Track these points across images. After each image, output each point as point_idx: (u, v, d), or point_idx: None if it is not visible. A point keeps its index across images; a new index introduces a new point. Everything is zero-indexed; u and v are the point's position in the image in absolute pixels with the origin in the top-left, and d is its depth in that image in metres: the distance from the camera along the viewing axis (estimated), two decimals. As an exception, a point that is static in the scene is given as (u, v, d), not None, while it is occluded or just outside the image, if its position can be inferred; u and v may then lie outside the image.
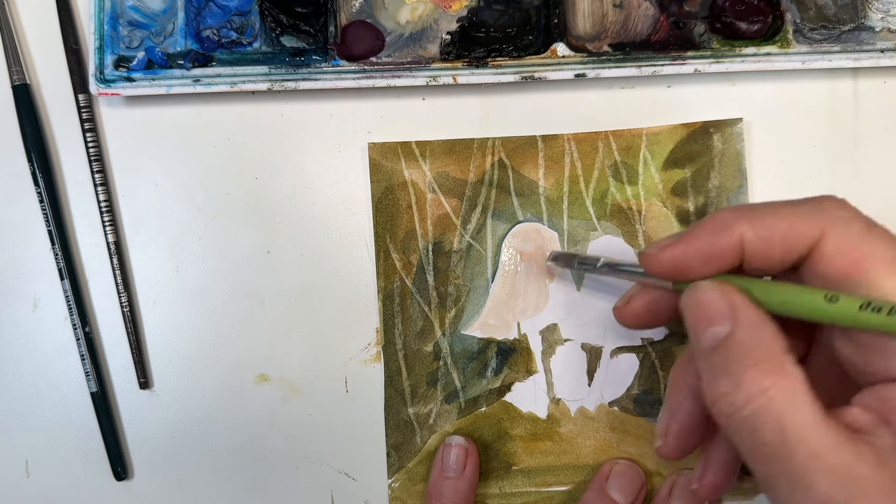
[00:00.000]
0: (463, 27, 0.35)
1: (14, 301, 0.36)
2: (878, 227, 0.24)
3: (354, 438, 0.35)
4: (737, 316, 0.24)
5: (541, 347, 0.35)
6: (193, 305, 0.36)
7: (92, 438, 0.36)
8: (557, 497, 0.35)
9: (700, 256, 0.25)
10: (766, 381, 0.22)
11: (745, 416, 0.22)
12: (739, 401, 0.22)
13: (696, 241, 0.25)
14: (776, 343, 0.23)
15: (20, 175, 0.36)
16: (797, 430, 0.21)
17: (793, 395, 0.22)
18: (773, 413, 0.21)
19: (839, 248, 0.23)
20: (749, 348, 0.23)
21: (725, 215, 0.25)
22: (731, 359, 0.23)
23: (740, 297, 0.24)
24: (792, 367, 0.22)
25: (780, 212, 0.24)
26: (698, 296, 0.25)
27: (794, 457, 0.21)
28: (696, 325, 0.25)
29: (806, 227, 0.24)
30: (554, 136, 0.35)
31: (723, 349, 0.23)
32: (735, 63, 0.34)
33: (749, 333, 0.23)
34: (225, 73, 0.34)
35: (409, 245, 0.35)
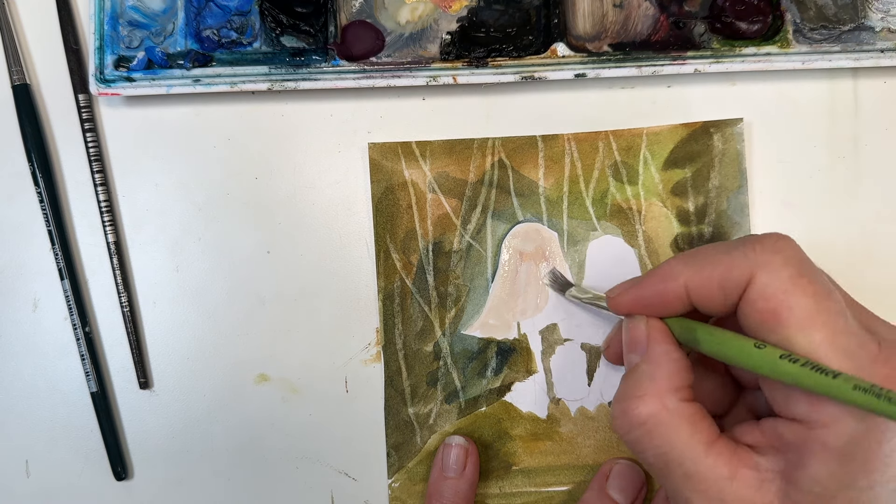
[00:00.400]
0: (463, 27, 0.35)
1: (14, 301, 0.36)
2: (808, 275, 0.24)
3: (354, 438, 0.35)
4: (648, 349, 0.27)
5: (541, 347, 0.35)
6: (193, 305, 0.36)
7: (92, 438, 0.36)
8: (557, 497, 0.35)
9: (652, 301, 0.28)
10: (644, 413, 0.25)
11: (631, 439, 0.26)
12: (625, 426, 0.26)
13: (648, 288, 0.28)
14: (668, 379, 0.26)
15: (20, 175, 0.36)
16: (675, 457, 0.24)
17: (668, 428, 0.25)
18: (653, 441, 0.25)
19: (762, 294, 0.24)
20: (641, 380, 0.26)
21: (673, 265, 0.27)
22: (630, 386, 0.26)
23: (658, 334, 0.27)
24: (675, 403, 0.25)
25: (717, 258, 0.26)
26: (629, 325, 0.28)
27: (672, 476, 0.25)
28: (625, 349, 0.28)
29: (739, 271, 0.25)
30: (554, 136, 0.35)
31: (630, 375, 0.27)
32: (735, 63, 0.34)
33: (649, 367, 0.26)
34: (225, 73, 0.34)
35: (409, 245, 0.35)
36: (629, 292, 0.28)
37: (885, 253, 0.35)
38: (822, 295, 0.24)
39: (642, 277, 0.28)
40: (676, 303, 0.27)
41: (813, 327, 0.23)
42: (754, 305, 0.24)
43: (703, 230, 0.35)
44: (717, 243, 0.27)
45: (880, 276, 0.35)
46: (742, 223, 0.35)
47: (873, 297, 0.35)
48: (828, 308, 0.23)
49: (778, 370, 0.23)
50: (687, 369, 0.26)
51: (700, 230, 0.35)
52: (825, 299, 0.23)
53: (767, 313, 0.24)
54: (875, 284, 0.35)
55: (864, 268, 0.35)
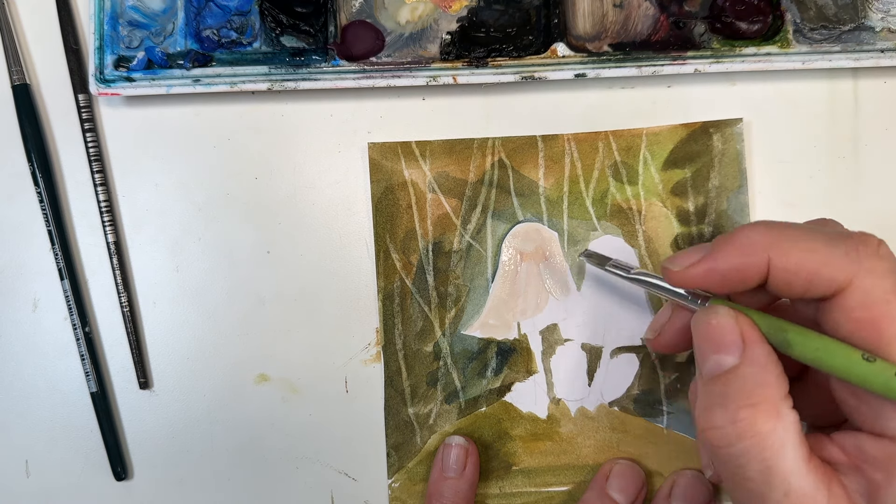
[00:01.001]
0: (463, 27, 0.35)
1: (14, 301, 0.36)
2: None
3: (354, 438, 0.35)
4: (747, 351, 0.24)
5: (541, 347, 0.35)
6: (193, 305, 0.36)
7: (92, 438, 0.36)
8: (557, 497, 0.35)
9: (728, 277, 0.24)
10: (763, 425, 0.22)
11: (733, 451, 0.23)
12: (731, 436, 0.23)
13: (724, 262, 0.24)
14: (779, 386, 0.23)
15: (20, 175, 0.36)
16: (782, 472, 0.22)
17: (782, 441, 0.22)
18: (762, 454, 0.22)
19: (863, 301, 0.22)
20: (751, 387, 0.23)
21: (756, 238, 0.24)
22: (731, 393, 0.23)
23: (754, 333, 0.24)
24: (788, 411, 0.23)
25: (814, 248, 0.23)
26: (712, 320, 0.24)
27: (772, 493, 0.22)
28: (703, 347, 0.25)
29: (837, 271, 0.23)
30: (554, 136, 0.35)
31: (724, 380, 0.24)
32: (735, 63, 0.34)
33: (754, 371, 0.23)
34: (225, 73, 0.34)
35: (409, 245, 0.35)
36: (700, 265, 0.25)
37: (885, 253, 0.35)
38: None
39: (714, 247, 0.25)
40: (750, 280, 0.24)
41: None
42: (850, 313, 0.22)
43: (703, 230, 0.35)
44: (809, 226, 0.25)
45: (880, 276, 0.35)
46: (742, 223, 0.35)
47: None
48: None
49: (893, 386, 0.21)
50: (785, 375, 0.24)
51: (700, 230, 0.35)
52: None
53: (866, 322, 0.22)
54: (875, 284, 0.35)
55: (864, 268, 0.35)
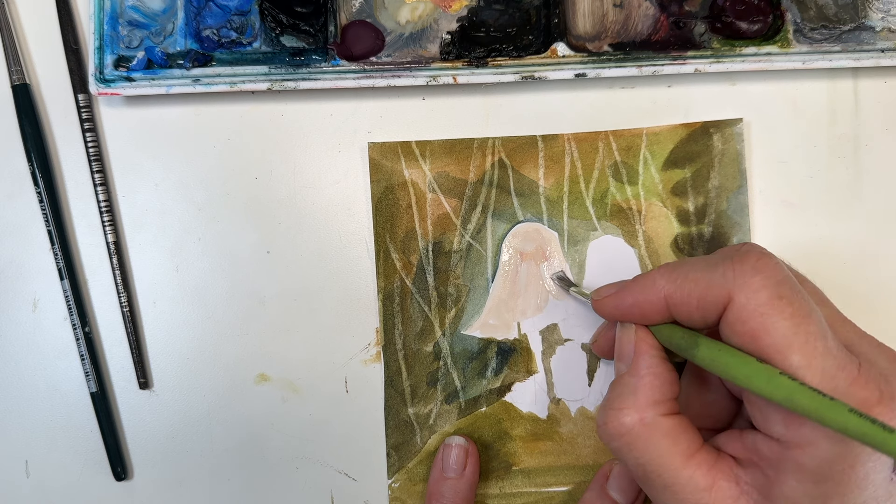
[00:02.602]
0: (463, 27, 0.35)
1: (14, 301, 0.36)
2: (787, 296, 0.24)
3: (354, 438, 0.35)
4: (634, 361, 0.27)
5: (541, 347, 0.35)
6: (193, 305, 0.36)
7: (92, 438, 0.36)
8: (557, 497, 0.35)
9: (631, 310, 0.28)
10: (623, 426, 0.26)
11: (613, 447, 0.26)
12: (606, 435, 0.27)
13: (628, 297, 0.28)
14: (650, 393, 0.26)
15: (20, 175, 0.36)
16: (656, 468, 0.25)
17: (645, 441, 0.25)
18: (632, 453, 0.26)
19: (739, 315, 0.24)
20: (625, 393, 0.26)
21: (655, 277, 0.27)
22: (614, 396, 0.27)
23: (645, 346, 0.27)
24: (653, 417, 0.26)
25: (697, 276, 0.26)
26: (618, 333, 0.29)
27: (652, 486, 0.26)
28: (615, 356, 0.29)
29: (718, 291, 0.25)
30: (554, 136, 0.35)
31: (616, 385, 0.27)
32: (735, 63, 0.34)
33: (632, 380, 0.27)
34: (225, 73, 0.34)
35: (409, 245, 0.35)
36: (611, 299, 0.28)
37: (885, 253, 0.35)
38: (801, 317, 0.23)
39: (626, 284, 0.28)
40: (656, 315, 0.27)
41: (790, 350, 0.23)
42: (732, 326, 0.24)
43: (702, 230, 0.35)
44: (701, 258, 0.27)
45: (880, 275, 0.35)
46: (742, 223, 0.35)
47: (874, 297, 0.35)
48: (806, 330, 0.23)
49: (774, 385, 0.22)
50: (671, 382, 0.27)
51: (700, 230, 0.35)
52: (804, 321, 0.23)
53: (745, 335, 0.24)
54: (875, 284, 0.35)
55: (864, 268, 0.35)
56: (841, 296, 0.28)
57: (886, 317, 0.35)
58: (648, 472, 0.25)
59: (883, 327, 0.35)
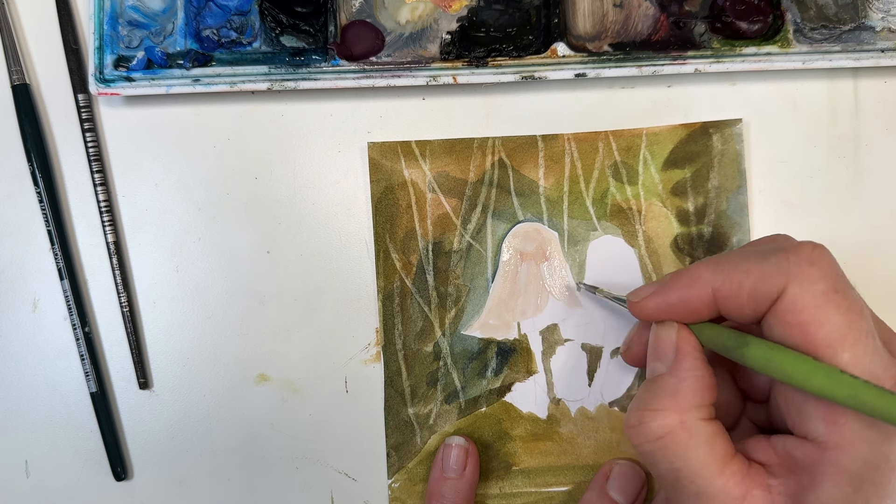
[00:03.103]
0: (463, 27, 0.35)
1: (14, 301, 0.36)
2: (843, 291, 0.23)
3: (354, 438, 0.35)
4: (675, 362, 0.26)
5: (541, 347, 0.35)
6: (193, 305, 0.36)
7: (92, 438, 0.36)
8: (557, 497, 0.35)
9: (677, 308, 0.26)
10: (661, 427, 0.25)
11: (645, 450, 0.25)
12: (640, 436, 0.25)
13: (673, 294, 0.27)
14: (692, 397, 0.25)
15: (20, 175, 0.36)
16: (689, 475, 0.24)
17: (686, 445, 0.24)
18: (667, 457, 0.25)
19: (793, 307, 0.23)
20: (665, 394, 0.25)
21: (701, 270, 0.26)
22: (651, 397, 0.26)
23: (688, 347, 0.26)
24: (695, 421, 0.25)
25: (748, 266, 0.25)
26: (657, 331, 0.27)
27: (682, 493, 0.25)
28: (649, 355, 0.27)
29: (771, 283, 0.24)
30: (554, 136, 0.35)
31: (650, 386, 0.26)
32: (735, 63, 0.34)
33: (673, 381, 0.26)
34: (225, 73, 0.34)
35: (408, 245, 0.35)
36: (653, 298, 0.27)
37: (885, 252, 0.35)
38: (855, 313, 0.23)
39: (667, 281, 0.27)
40: (703, 310, 0.26)
41: (842, 346, 0.22)
42: (783, 318, 0.23)
43: (702, 230, 0.35)
44: (747, 248, 0.26)
45: (881, 275, 0.35)
46: (742, 223, 0.35)
47: (874, 297, 0.35)
48: (859, 327, 0.22)
49: (836, 383, 0.22)
50: (712, 388, 0.26)
51: (700, 230, 0.35)
52: (857, 318, 0.23)
53: (795, 327, 0.23)
54: (876, 284, 0.35)
55: (864, 268, 0.35)
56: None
57: (887, 317, 0.35)
58: (681, 477, 0.24)
59: (883, 327, 0.35)
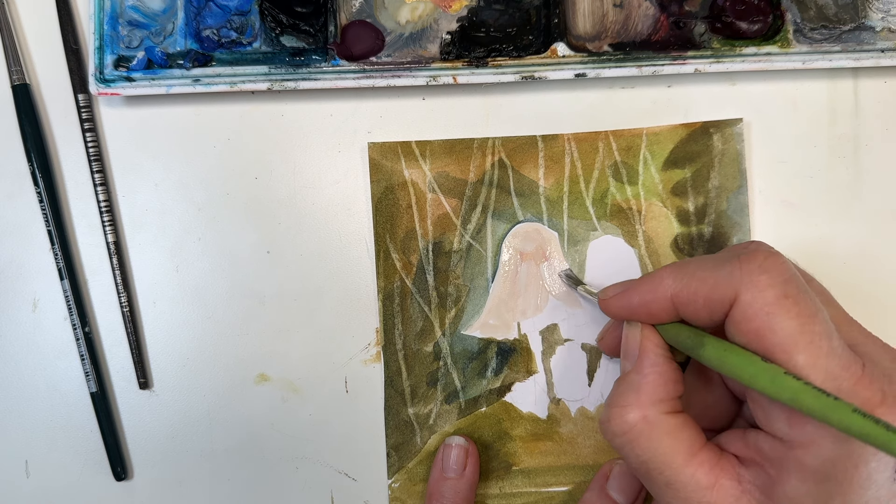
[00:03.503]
0: (463, 27, 0.35)
1: (14, 301, 0.36)
2: (793, 296, 0.24)
3: (354, 438, 0.35)
4: (638, 359, 0.27)
5: (541, 347, 0.35)
6: (193, 305, 0.36)
7: (92, 438, 0.36)
8: (557, 497, 0.35)
9: (638, 309, 0.28)
10: (626, 423, 0.26)
11: (616, 444, 0.27)
12: (609, 432, 0.27)
13: (635, 297, 0.28)
14: (655, 392, 0.26)
15: (20, 175, 0.36)
16: (657, 466, 0.25)
17: (648, 439, 0.25)
18: (635, 450, 0.26)
19: (745, 315, 0.24)
20: (629, 390, 0.26)
21: (662, 275, 0.27)
22: (617, 393, 0.27)
23: (650, 345, 0.27)
24: (657, 415, 0.26)
25: (703, 274, 0.26)
26: (625, 330, 0.29)
27: (654, 483, 0.26)
28: (621, 354, 0.29)
29: (724, 290, 0.25)
30: (554, 136, 0.35)
31: (620, 382, 0.27)
32: (735, 63, 0.34)
33: (636, 378, 0.27)
34: (225, 73, 0.34)
35: (409, 245, 0.35)
36: (618, 298, 0.28)
37: (885, 252, 0.35)
38: (807, 316, 0.23)
39: (632, 283, 0.28)
40: (663, 313, 0.27)
41: (796, 349, 0.23)
42: (738, 326, 0.24)
43: (702, 230, 0.35)
44: (708, 256, 0.27)
45: (880, 275, 0.35)
46: (742, 223, 0.35)
47: (874, 297, 0.35)
48: (811, 330, 0.23)
49: (779, 385, 0.22)
50: (675, 381, 0.27)
51: (700, 230, 0.35)
52: (810, 321, 0.23)
53: (751, 334, 0.24)
54: (875, 284, 0.35)
55: (864, 268, 0.35)
56: (841, 296, 0.28)
57: (887, 317, 0.35)
58: (651, 469, 0.26)
59: (883, 327, 0.35)
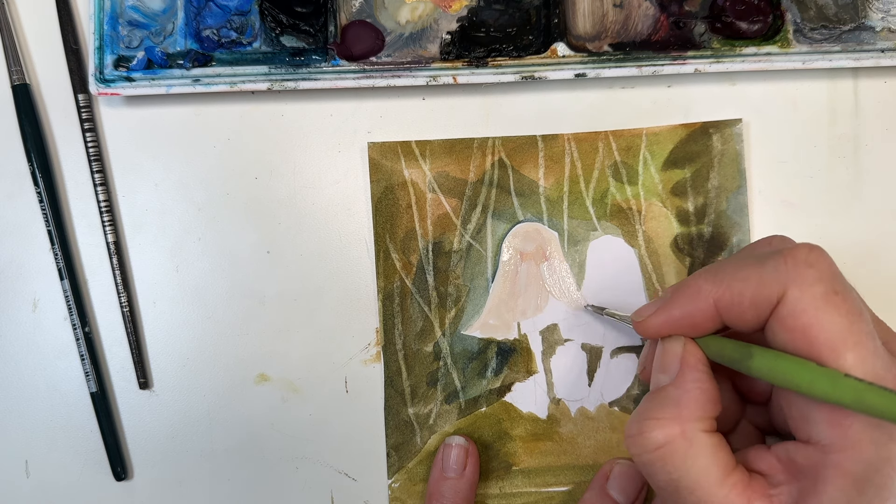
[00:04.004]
0: (463, 27, 0.35)
1: (14, 301, 0.36)
2: (842, 292, 0.23)
3: (354, 438, 0.35)
4: (680, 373, 0.26)
5: (541, 347, 0.35)
6: (193, 305, 0.36)
7: (92, 438, 0.36)
8: (557, 497, 0.35)
9: (682, 322, 0.26)
10: (661, 437, 0.24)
11: (644, 461, 0.25)
12: (638, 446, 0.25)
13: (676, 309, 0.26)
14: (695, 408, 0.25)
15: (20, 175, 0.36)
16: (688, 486, 0.24)
17: (685, 457, 0.24)
18: (666, 467, 0.24)
19: (794, 311, 0.23)
20: (667, 405, 0.25)
21: (700, 283, 0.26)
22: (653, 406, 0.25)
23: (693, 359, 0.26)
24: (696, 432, 0.24)
25: (746, 273, 0.24)
26: (664, 345, 0.27)
27: (681, 503, 0.24)
28: (654, 367, 0.27)
29: (771, 288, 0.24)
30: (554, 136, 0.35)
31: (653, 396, 0.26)
32: (735, 63, 0.34)
33: (676, 392, 0.25)
34: (225, 73, 0.34)
35: (408, 245, 0.35)
36: (657, 315, 0.27)
37: (885, 252, 0.35)
38: (855, 314, 0.22)
39: (668, 297, 0.27)
40: (707, 322, 0.26)
41: (845, 348, 0.22)
42: (784, 322, 0.23)
43: (702, 230, 0.35)
44: (744, 254, 0.26)
45: (880, 275, 0.35)
46: (742, 223, 0.35)
47: (874, 297, 0.35)
48: (860, 329, 0.22)
49: (841, 388, 0.21)
50: (716, 401, 0.25)
51: (700, 230, 0.35)
52: (858, 319, 0.22)
53: (797, 331, 0.23)
54: (876, 284, 0.35)
55: (864, 268, 0.35)
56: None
57: (886, 317, 0.35)
58: (681, 488, 0.24)
59: (883, 327, 0.35)
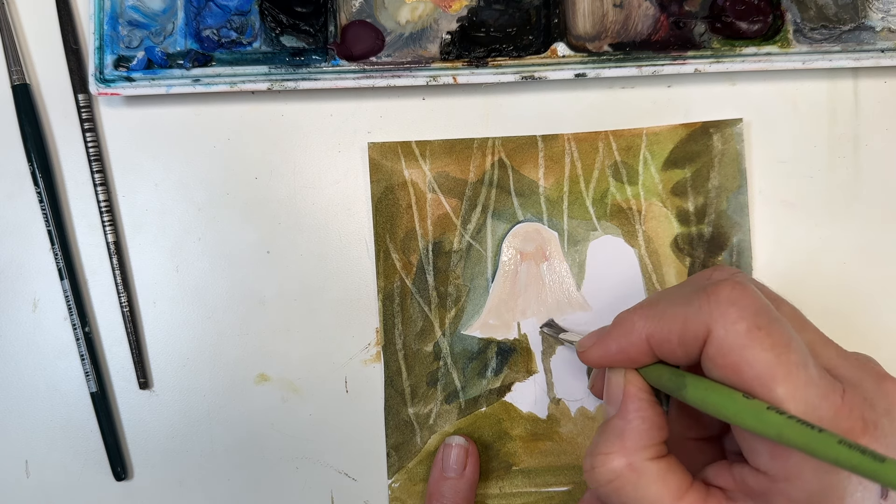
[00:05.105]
0: (463, 27, 0.35)
1: (14, 301, 0.36)
2: (765, 327, 0.23)
3: (354, 438, 0.35)
4: (623, 404, 0.26)
5: (541, 347, 0.35)
6: (193, 305, 0.36)
7: (92, 438, 0.36)
8: (557, 497, 0.35)
9: (616, 356, 0.27)
10: (611, 471, 0.25)
11: (601, 493, 0.26)
12: (593, 480, 0.26)
13: (611, 344, 0.27)
14: (639, 438, 0.26)
15: (20, 175, 0.36)
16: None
17: (634, 487, 0.25)
18: (621, 498, 0.25)
19: (720, 349, 0.24)
20: (614, 437, 0.26)
21: (634, 319, 0.26)
22: (601, 441, 0.26)
23: (633, 390, 0.27)
24: (642, 462, 0.25)
25: (674, 311, 0.25)
26: (608, 376, 0.28)
27: None
28: (604, 399, 0.28)
29: (697, 326, 0.24)
30: (554, 136, 0.35)
31: (603, 429, 0.27)
32: (735, 63, 0.34)
33: (620, 424, 0.26)
34: (225, 73, 0.34)
35: (409, 245, 0.35)
36: (595, 348, 0.28)
37: (885, 253, 0.35)
38: (781, 347, 0.23)
39: (607, 331, 0.28)
40: (642, 356, 0.27)
41: (774, 382, 0.22)
42: (714, 360, 0.24)
43: (702, 230, 0.35)
44: (676, 289, 0.27)
45: (880, 275, 0.35)
46: (742, 223, 0.35)
47: (874, 297, 0.35)
48: (788, 360, 0.23)
49: (763, 421, 0.22)
50: (660, 427, 0.26)
51: (700, 230, 0.35)
52: (784, 351, 0.23)
53: (727, 368, 0.23)
54: (876, 284, 0.35)
55: (864, 268, 0.35)
56: (841, 296, 0.28)
57: (886, 317, 0.35)
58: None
59: (883, 327, 0.35)
